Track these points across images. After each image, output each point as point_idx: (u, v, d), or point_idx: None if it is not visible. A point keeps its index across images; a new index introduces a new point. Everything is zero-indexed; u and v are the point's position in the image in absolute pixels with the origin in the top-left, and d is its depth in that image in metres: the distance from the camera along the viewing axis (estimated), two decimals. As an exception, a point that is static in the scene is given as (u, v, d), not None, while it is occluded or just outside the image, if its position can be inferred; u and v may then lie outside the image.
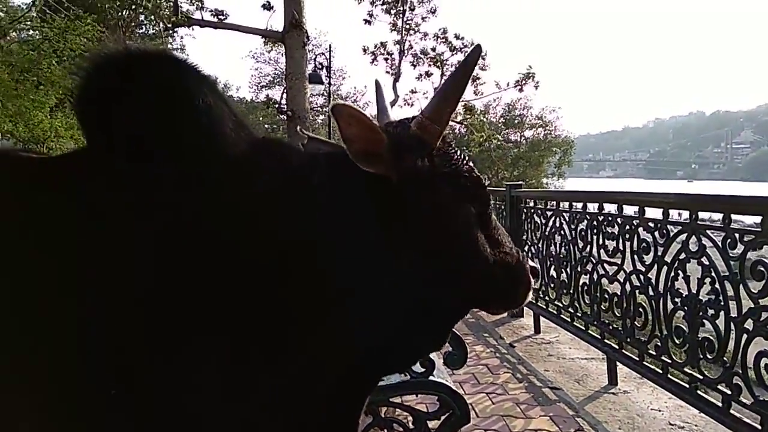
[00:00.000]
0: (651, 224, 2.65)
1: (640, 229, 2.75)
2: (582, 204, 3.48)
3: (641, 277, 2.73)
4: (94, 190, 0.89)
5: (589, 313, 3.32)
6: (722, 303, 2.16)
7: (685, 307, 2.37)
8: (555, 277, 3.85)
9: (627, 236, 2.86)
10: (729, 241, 2.11)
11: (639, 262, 2.74)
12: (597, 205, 3.27)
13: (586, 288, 3.35)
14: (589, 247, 3.34)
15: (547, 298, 3.95)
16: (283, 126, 14.68)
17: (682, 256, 2.40)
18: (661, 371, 2.55)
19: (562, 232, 3.78)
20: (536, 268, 1.22)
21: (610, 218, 3.11)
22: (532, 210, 4.40)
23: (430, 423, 1.70)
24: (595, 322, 3.24)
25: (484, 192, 1.12)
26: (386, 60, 17.03)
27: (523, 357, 3.75)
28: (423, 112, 1.03)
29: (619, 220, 2.96)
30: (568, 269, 3.62)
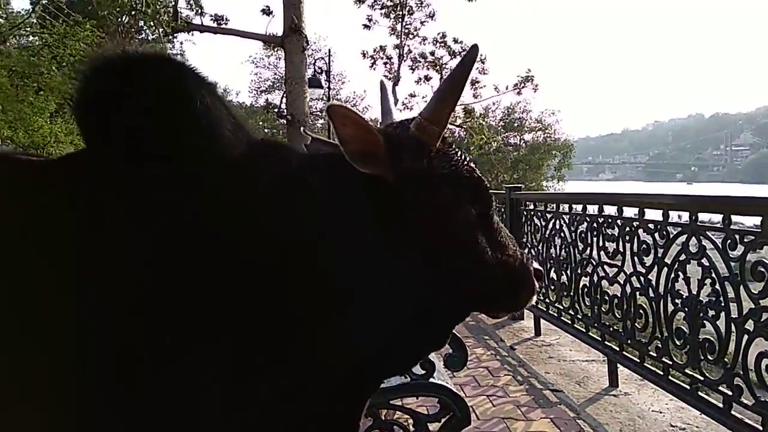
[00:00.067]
0: (651, 226, 2.65)
1: (640, 231, 2.75)
2: (582, 206, 3.48)
3: (641, 279, 2.72)
4: (94, 191, 0.89)
5: (590, 315, 3.31)
6: (723, 304, 2.15)
7: (686, 309, 2.36)
8: (555, 279, 3.85)
9: (627, 238, 2.85)
10: (729, 242, 2.11)
11: (639, 264, 2.74)
12: (597, 207, 3.26)
13: (586, 290, 3.34)
14: (589, 249, 3.34)
15: (548, 301, 3.95)
16: (283, 130, 14.70)
17: (683, 258, 2.40)
18: (662, 373, 2.54)
19: (562, 235, 3.77)
20: (540, 271, 1.20)
21: (610, 220, 3.10)
22: (532, 212, 4.40)
23: (430, 425, 1.70)
24: (596, 324, 3.23)
25: (486, 193, 1.11)
26: (385, 64, 17.12)
27: (524, 359, 3.74)
28: (421, 113, 1.03)
29: (619, 222, 2.95)
30: (569, 271, 3.62)
